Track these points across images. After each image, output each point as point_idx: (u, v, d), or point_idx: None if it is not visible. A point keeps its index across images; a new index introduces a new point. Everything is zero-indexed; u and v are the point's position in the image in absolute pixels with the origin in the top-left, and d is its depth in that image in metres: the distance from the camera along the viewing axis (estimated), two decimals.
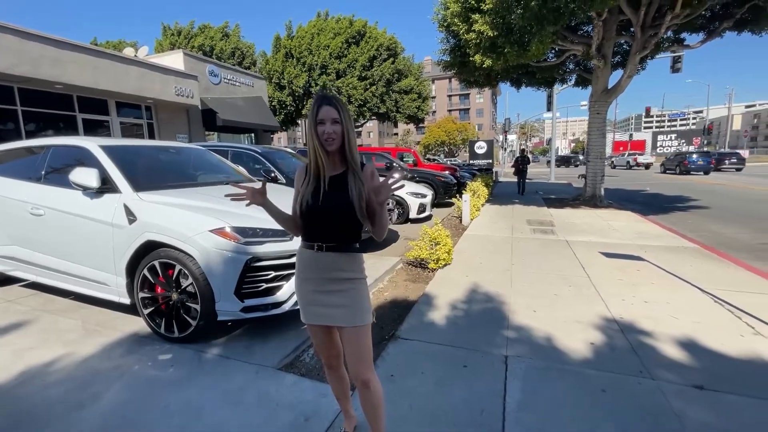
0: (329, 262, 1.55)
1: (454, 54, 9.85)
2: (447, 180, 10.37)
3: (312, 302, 1.60)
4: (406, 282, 4.44)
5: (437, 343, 2.84)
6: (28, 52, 8.17)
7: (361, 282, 1.61)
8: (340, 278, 1.56)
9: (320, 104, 1.46)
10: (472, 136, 58.82)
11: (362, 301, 1.58)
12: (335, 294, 1.56)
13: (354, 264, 1.59)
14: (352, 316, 1.54)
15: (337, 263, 1.55)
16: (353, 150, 1.50)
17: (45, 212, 3.12)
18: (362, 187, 1.49)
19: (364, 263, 1.64)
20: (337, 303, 1.55)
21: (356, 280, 1.59)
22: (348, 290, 1.56)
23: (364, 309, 1.57)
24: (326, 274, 1.56)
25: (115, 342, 2.81)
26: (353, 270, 1.58)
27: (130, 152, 3.38)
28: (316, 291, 1.58)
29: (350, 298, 1.55)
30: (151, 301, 2.83)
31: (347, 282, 1.56)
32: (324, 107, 1.44)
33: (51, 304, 3.48)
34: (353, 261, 1.58)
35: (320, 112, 1.44)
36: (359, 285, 1.59)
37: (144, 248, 2.76)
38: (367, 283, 1.63)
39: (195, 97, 12.51)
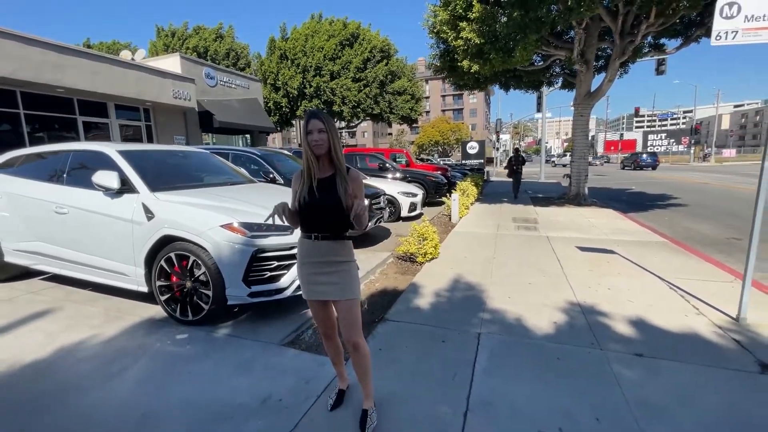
0: (324, 249, 1.90)
1: (443, 59, 10.26)
2: (438, 180, 10.78)
3: (312, 282, 1.95)
4: (396, 274, 4.84)
5: (420, 323, 3.23)
6: (30, 57, 8.44)
7: (351, 264, 1.97)
8: (334, 261, 1.91)
9: (309, 118, 1.82)
10: (466, 136, 59.36)
11: (352, 279, 1.94)
12: (330, 274, 1.91)
13: (345, 249, 1.95)
14: (343, 291, 1.91)
15: (331, 249, 1.90)
16: (339, 155, 1.85)
17: (69, 211, 3.47)
18: (347, 186, 1.83)
19: (353, 249, 2.01)
20: (332, 281, 1.91)
21: (347, 262, 1.95)
22: (340, 271, 1.91)
23: (354, 285, 1.94)
24: (322, 258, 1.91)
25: (136, 325, 3.17)
26: (344, 254, 1.94)
27: (144, 156, 3.73)
28: (314, 273, 1.93)
29: (342, 277, 1.91)
30: (167, 289, 3.19)
31: (340, 264, 1.92)
32: (312, 120, 1.80)
33: (72, 295, 3.83)
34: (344, 247, 1.94)
35: (309, 124, 1.80)
36: (349, 266, 1.96)
37: (161, 242, 3.12)
38: (356, 265, 1.99)
39: (192, 99, 12.80)
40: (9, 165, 4.09)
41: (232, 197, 3.44)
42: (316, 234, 1.90)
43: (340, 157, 1.86)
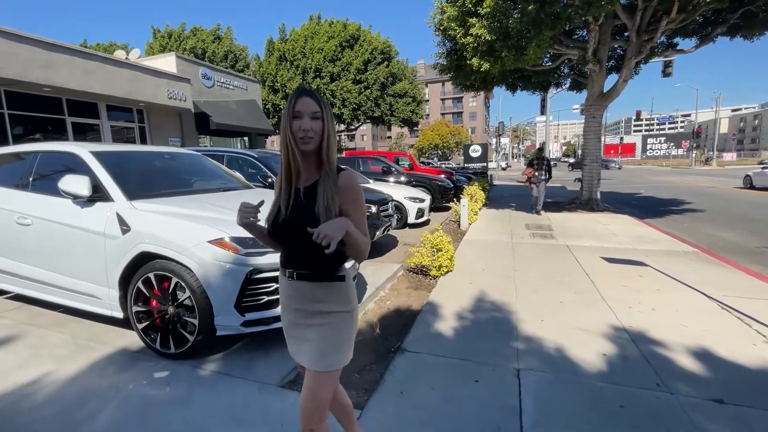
0: (304, 292, 1.33)
1: (450, 58, 9.83)
2: (444, 184, 10.32)
3: (289, 334, 1.42)
4: (408, 290, 4.35)
5: (445, 355, 2.74)
6: (16, 54, 7.96)
7: (343, 317, 1.33)
8: (317, 311, 1.32)
9: (299, 96, 1.24)
10: (465, 139, 59.14)
11: (336, 340, 1.32)
12: (309, 328, 1.33)
13: (334, 295, 1.33)
14: (316, 358, 1.30)
15: (313, 294, 1.32)
16: (331, 154, 1.28)
17: (32, 222, 2.97)
18: (334, 197, 1.24)
19: (351, 292, 1.37)
20: (306, 338, 1.34)
21: (336, 314, 1.32)
22: (323, 325, 1.31)
23: (336, 351, 1.31)
24: (302, 305, 1.34)
25: (108, 358, 2.67)
26: (334, 302, 1.32)
27: (123, 158, 3.25)
28: (292, 322, 1.38)
29: (323, 336, 1.31)
30: (145, 315, 2.70)
31: (326, 316, 1.31)
32: (303, 98, 1.23)
33: (39, 317, 3.32)
34: (334, 291, 1.33)
35: (298, 103, 1.23)
36: (340, 320, 1.33)
37: (138, 260, 2.63)
38: (353, 317, 1.35)
39: (188, 100, 12.33)
40: None
41: (224, 206, 2.95)
42: (292, 270, 1.34)
43: (332, 155, 1.29)
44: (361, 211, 1.31)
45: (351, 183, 1.29)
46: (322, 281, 1.31)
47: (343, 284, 1.35)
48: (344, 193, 1.27)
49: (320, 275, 1.31)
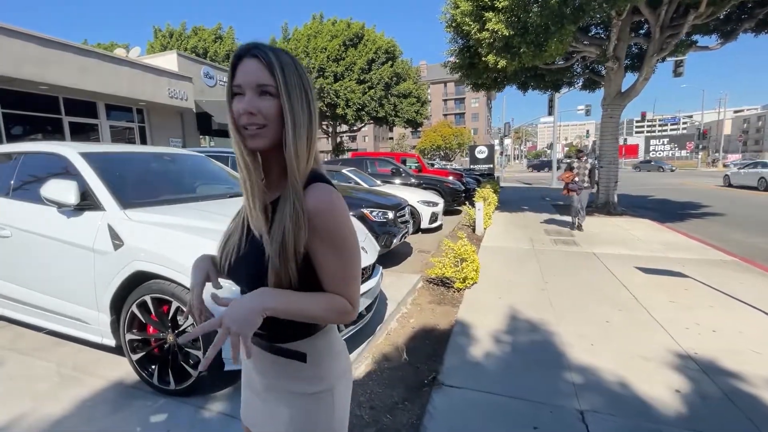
0: (263, 361, 0.89)
1: (462, 55, 9.45)
2: (455, 186, 9.93)
3: (248, 402, 0.99)
4: (432, 305, 3.96)
5: (491, 392, 2.34)
6: (8, 49, 7.59)
7: (316, 400, 0.87)
8: (283, 389, 0.88)
9: (237, 58, 0.77)
10: (468, 140, 58.78)
11: (320, 427, 0.88)
12: (279, 406, 0.89)
13: (301, 371, 0.87)
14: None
15: (273, 365, 0.88)
16: (297, 155, 0.77)
17: (11, 233, 2.59)
18: (296, 221, 0.76)
19: (328, 363, 0.89)
20: (272, 416, 0.90)
21: (305, 396, 0.87)
22: (290, 408, 0.87)
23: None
24: (264, 377, 0.91)
25: (98, 394, 2.28)
26: (300, 380, 0.87)
27: (117, 160, 2.86)
28: (254, 392, 0.95)
29: (287, 423, 0.87)
30: (141, 345, 2.31)
31: (288, 396, 0.88)
32: (245, 62, 0.76)
33: (20, 340, 2.93)
34: (299, 368, 0.87)
35: (237, 71, 0.76)
36: (310, 404, 0.87)
37: (132, 280, 2.24)
38: (335, 394, 0.90)
39: (189, 99, 11.96)
40: None
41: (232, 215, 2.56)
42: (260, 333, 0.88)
43: (299, 158, 0.77)
44: (340, 254, 0.79)
45: (324, 206, 0.77)
46: (279, 353, 0.86)
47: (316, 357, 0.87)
48: (313, 222, 0.76)
49: (271, 343, 0.86)
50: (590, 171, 7.41)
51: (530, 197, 14.56)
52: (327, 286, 0.80)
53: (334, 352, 0.91)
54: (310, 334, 0.87)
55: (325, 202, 0.77)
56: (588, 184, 7.41)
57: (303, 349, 0.86)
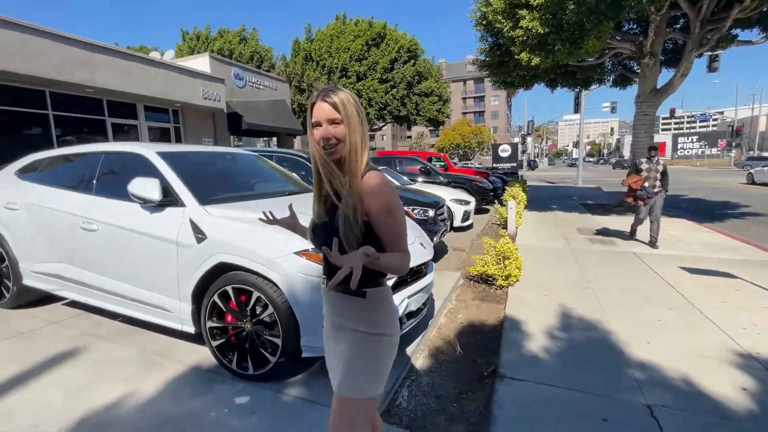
0: (333, 303, 1.25)
1: (492, 53, 9.42)
2: (483, 185, 9.91)
3: (326, 346, 1.33)
4: (476, 301, 4.02)
5: (554, 385, 2.40)
6: (57, 54, 8.01)
7: (367, 339, 1.19)
8: (342, 326, 1.23)
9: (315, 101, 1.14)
10: (488, 138, 58.13)
11: (355, 365, 1.18)
12: (337, 344, 1.25)
13: (359, 311, 1.19)
14: (337, 379, 1.21)
15: (340, 307, 1.23)
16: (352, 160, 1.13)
17: (98, 227, 2.79)
18: (355, 206, 1.10)
19: (380, 313, 1.21)
20: (336, 354, 1.25)
21: (361, 334, 1.19)
22: (349, 344, 1.20)
23: (354, 377, 1.18)
24: (331, 317, 1.27)
25: (180, 378, 2.45)
26: (358, 320, 1.19)
27: (189, 159, 3.03)
28: (327, 334, 1.32)
29: (345, 356, 1.21)
30: (220, 332, 2.46)
31: (350, 333, 1.20)
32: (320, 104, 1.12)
33: (101, 327, 3.15)
34: (358, 307, 1.19)
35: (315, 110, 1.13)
36: (363, 342, 1.19)
37: (214, 271, 2.40)
38: (381, 343, 1.20)
39: (221, 100, 12.31)
40: (31, 170, 3.47)
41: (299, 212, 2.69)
42: (324, 278, 1.27)
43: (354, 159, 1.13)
44: (394, 219, 1.12)
45: (376, 184, 1.10)
46: (345, 292, 1.19)
47: (374, 300, 1.20)
48: (368, 197, 1.10)
49: (343, 286, 1.12)
50: (663, 173, 5.99)
51: (557, 196, 14.36)
52: (388, 246, 1.12)
53: (386, 308, 1.23)
54: (371, 286, 1.19)
55: (375, 184, 1.11)
56: (660, 189, 6.00)
57: (376, 296, 1.20)
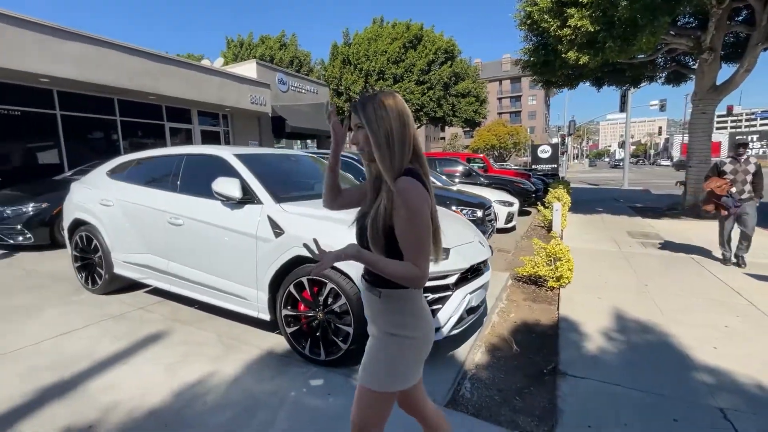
0: (368, 299, 1.29)
1: (536, 53, 9.27)
2: (525, 187, 9.75)
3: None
4: (527, 302, 4.04)
5: (618, 384, 2.42)
6: (129, 66, 8.75)
7: (387, 338, 1.21)
8: (371, 319, 1.29)
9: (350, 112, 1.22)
10: (524, 139, 56.60)
11: (375, 359, 1.23)
12: (370, 338, 1.31)
13: (381, 309, 1.22)
14: (363, 369, 1.26)
15: (372, 303, 1.27)
16: (380, 159, 1.13)
17: (184, 222, 3.09)
18: (384, 207, 1.13)
19: (407, 315, 1.21)
20: (368, 344, 1.30)
21: (381, 331, 1.23)
22: (372, 336, 1.29)
23: (374, 370, 1.22)
24: (365, 309, 1.32)
25: (258, 360, 2.68)
26: (380, 316, 1.23)
27: (260, 161, 3.29)
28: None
29: (368, 347, 1.28)
30: (294, 320, 2.67)
31: (374, 327, 1.28)
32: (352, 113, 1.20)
33: (179, 313, 3.48)
34: (380, 305, 1.22)
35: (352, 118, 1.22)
36: (383, 339, 1.22)
37: (290, 263, 2.61)
38: (404, 345, 1.20)
39: (267, 104, 12.88)
40: (119, 170, 3.87)
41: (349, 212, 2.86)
42: (363, 274, 1.32)
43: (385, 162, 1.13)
44: (411, 228, 1.09)
45: (402, 188, 1.09)
46: (374, 287, 1.23)
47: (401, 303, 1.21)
48: (394, 200, 1.11)
49: (376, 284, 1.22)
50: (755, 174, 4.80)
51: (601, 198, 13.83)
52: (404, 255, 1.11)
53: (416, 312, 1.22)
54: (386, 286, 1.19)
55: (402, 187, 1.09)
56: (750, 195, 4.84)
57: (394, 298, 1.20)
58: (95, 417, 2.09)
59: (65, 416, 2.09)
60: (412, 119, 1.20)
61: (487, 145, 55.67)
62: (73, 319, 3.31)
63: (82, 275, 3.93)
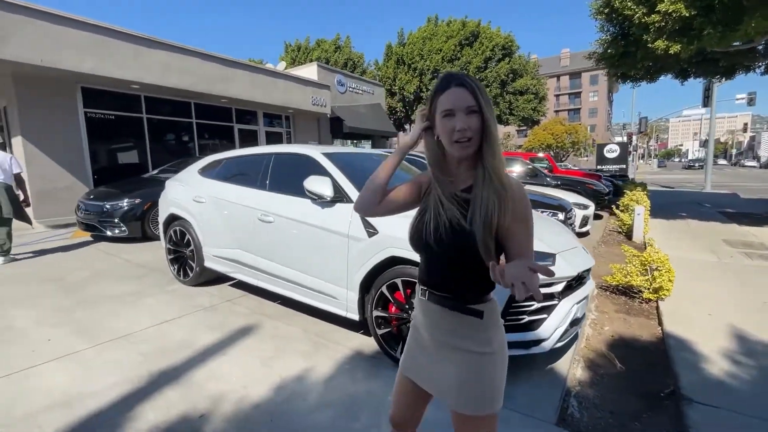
0: (440, 320, 1.12)
1: (614, 44, 8.59)
2: (598, 188, 9.09)
3: (413, 354, 1.22)
4: (620, 314, 3.70)
5: (756, 416, 2.09)
6: (206, 71, 9.34)
7: (480, 359, 1.07)
8: (454, 346, 1.10)
9: (446, 86, 1.00)
10: (584, 138, 53.34)
11: (484, 382, 1.07)
12: (446, 363, 1.11)
13: (472, 330, 1.08)
14: (463, 399, 1.08)
15: (450, 324, 1.10)
16: (493, 153, 0.99)
17: (274, 219, 3.17)
18: (496, 210, 0.97)
19: (493, 330, 1.09)
20: (446, 374, 1.11)
21: (472, 354, 1.07)
22: (465, 363, 1.08)
23: (485, 393, 1.06)
24: (436, 335, 1.13)
25: (348, 359, 2.67)
26: (469, 338, 1.08)
27: (347, 160, 3.29)
28: (423, 349, 1.18)
29: (465, 375, 1.08)
30: (384, 321, 2.62)
31: (465, 353, 1.08)
32: (453, 90, 0.99)
33: (264, 308, 3.58)
34: (473, 326, 1.08)
35: (450, 96, 0.99)
36: (476, 362, 1.07)
37: (384, 263, 2.56)
38: (494, 361, 1.07)
39: (327, 105, 13.20)
40: (210, 169, 4.08)
41: None
42: (426, 289, 1.14)
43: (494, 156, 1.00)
44: (528, 228, 1.02)
45: (523, 194, 1.01)
46: (460, 309, 1.07)
47: (490, 321, 1.08)
48: (517, 207, 0.99)
49: (460, 302, 1.08)
50: None
51: (683, 202, 12.56)
52: (516, 253, 1.00)
53: (499, 324, 1.11)
54: (483, 301, 1.08)
55: (515, 184, 1.01)
56: None
57: (489, 312, 1.08)
58: (205, 406, 2.17)
59: (179, 403, 2.19)
60: None
61: (543, 145, 53.07)
62: (170, 308, 3.54)
63: (174, 267, 4.20)
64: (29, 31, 6.43)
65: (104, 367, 2.56)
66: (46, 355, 2.70)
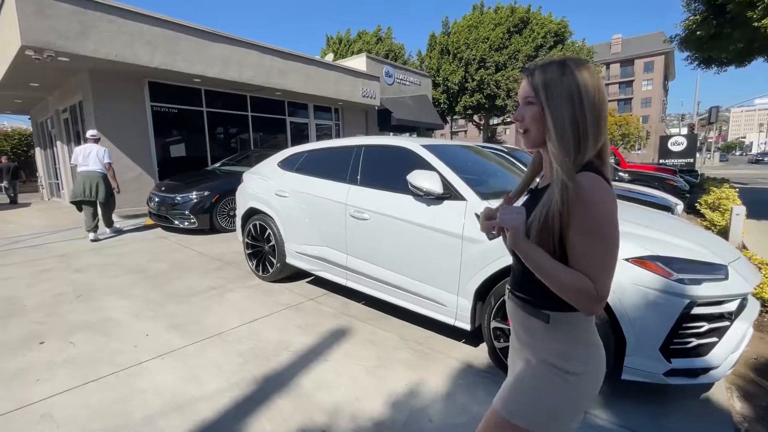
0: (517, 316, 1.07)
1: (705, 24, 7.72)
2: (678, 185, 8.28)
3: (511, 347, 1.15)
4: (758, 332, 3.20)
5: None
6: (263, 64, 9.35)
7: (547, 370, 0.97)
8: (525, 343, 1.04)
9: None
10: (635, 129, 50.16)
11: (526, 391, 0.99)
12: (517, 361, 1.09)
13: (545, 335, 0.98)
14: (505, 393, 1.03)
15: (525, 323, 1.04)
16: (559, 147, 0.89)
17: (369, 216, 2.96)
18: (555, 210, 0.87)
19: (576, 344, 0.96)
20: (514, 371, 1.08)
21: (540, 361, 0.99)
22: (525, 364, 1.03)
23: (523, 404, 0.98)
24: (517, 331, 1.08)
25: (461, 374, 2.42)
26: (541, 342, 0.99)
27: (449, 153, 3.02)
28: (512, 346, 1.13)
29: (518, 376, 1.03)
30: (503, 335, 2.34)
31: (528, 353, 1.03)
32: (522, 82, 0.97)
33: (349, 308, 3.41)
34: (544, 330, 0.98)
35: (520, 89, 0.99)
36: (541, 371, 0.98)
37: (505, 270, 2.27)
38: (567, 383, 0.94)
39: (376, 97, 12.97)
40: (290, 161, 3.95)
41: None
42: (511, 288, 1.09)
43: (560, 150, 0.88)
44: (595, 242, 0.85)
45: (586, 187, 0.85)
46: (532, 307, 1.00)
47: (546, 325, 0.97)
48: (583, 214, 0.85)
49: (530, 302, 1.01)
50: None
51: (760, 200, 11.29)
52: (572, 265, 0.88)
53: (590, 342, 0.98)
54: (555, 309, 0.95)
55: (587, 189, 0.85)
56: None
57: (561, 322, 0.96)
58: (323, 420, 2.00)
59: (294, 414, 2.04)
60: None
61: None
62: (255, 305, 3.45)
63: (253, 262, 4.13)
64: (105, 27, 6.62)
65: (206, 367, 2.47)
66: (148, 351, 2.65)
